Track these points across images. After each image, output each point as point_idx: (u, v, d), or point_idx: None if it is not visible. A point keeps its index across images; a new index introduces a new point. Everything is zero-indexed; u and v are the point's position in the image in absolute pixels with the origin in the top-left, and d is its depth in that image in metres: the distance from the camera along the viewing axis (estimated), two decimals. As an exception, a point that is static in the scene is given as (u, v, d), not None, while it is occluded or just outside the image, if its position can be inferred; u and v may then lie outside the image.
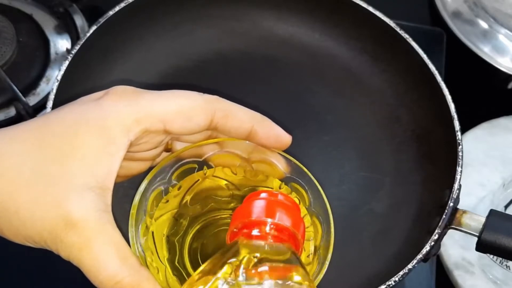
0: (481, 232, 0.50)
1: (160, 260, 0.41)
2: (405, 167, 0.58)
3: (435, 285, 0.62)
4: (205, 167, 0.43)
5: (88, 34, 0.56)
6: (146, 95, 0.39)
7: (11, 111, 0.65)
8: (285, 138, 0.42)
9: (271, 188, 0.44)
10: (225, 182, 0.44)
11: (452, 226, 0.51)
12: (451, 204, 0.51)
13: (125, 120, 0.38)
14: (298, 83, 0.62)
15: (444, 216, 0.51)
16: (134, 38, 0.60)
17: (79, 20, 0.70)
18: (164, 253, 0.41)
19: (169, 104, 0.39)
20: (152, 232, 0.41)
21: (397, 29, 0.59)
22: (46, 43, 0.69)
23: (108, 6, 0.57)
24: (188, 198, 0.43)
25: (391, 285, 0.49)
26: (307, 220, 0.42)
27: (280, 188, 0.43)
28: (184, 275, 0.42)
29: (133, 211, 0.40)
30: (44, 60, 0.68)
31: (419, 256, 0.50)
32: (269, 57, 0.63)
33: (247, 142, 0.42)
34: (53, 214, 0.36)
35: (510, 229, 0.49)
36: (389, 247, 0.55)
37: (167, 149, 0.43)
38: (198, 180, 0.43)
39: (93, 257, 0.36)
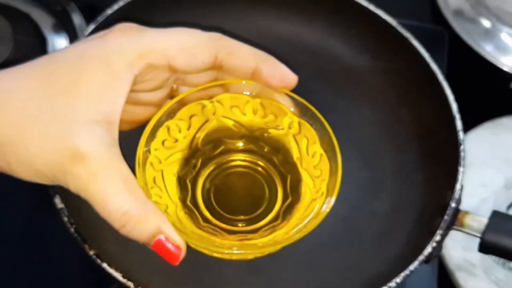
0: (484, 233, 0.50)
1: (171, 198, 0.41)
2: (406, 167, 0.58)
3: (437, 286, 0.62)
4: (213, 100, 0.43)
5: (86, 33, 0.56)
6: (150, 31, 0.40)
7: (8, 111, 0.64)
8: (291, 77, 0.42)
9: (282, 128, 0.43)
10: (233, 122, 0.43)
11: (454, 227, 0.51)
12: (453, 204, 0.51)
13: (129, 55, 0.38)
14: (298, 82, 0.61)
15: (446, 217, 0.50)
16: (132, 36, 0.60)
17: (77, 19, 0.69)
18: (175, 191, 0.42)
19: (172, 39, 0.40)
20: (162, 171, 0.41)
21: (398, 27, 0.58)
22: (43, 42, 0.69)
23: (106, 4, 0.57)
24: (198, 139, 0.43)
25: (392, 287, 0.48)
26: (316, 158, 0.42)
27: (289, 127, 0.43)
28: (197, 213, 0.42)
29: (139, 151, 0.40)
30: (42, 59, 0.68)
31: (421, 257, 0.49)
32: (269, 56, 0.63)
33: (253, 83, 0.42)
34: (61, 147, 0.36)
35: (513, 230, 0.49)
36: (390, 248, 0.54)
37: (172, 96, 0.43)
38: (207, 120, 0.43)
39: (100, 189, 0.36)
